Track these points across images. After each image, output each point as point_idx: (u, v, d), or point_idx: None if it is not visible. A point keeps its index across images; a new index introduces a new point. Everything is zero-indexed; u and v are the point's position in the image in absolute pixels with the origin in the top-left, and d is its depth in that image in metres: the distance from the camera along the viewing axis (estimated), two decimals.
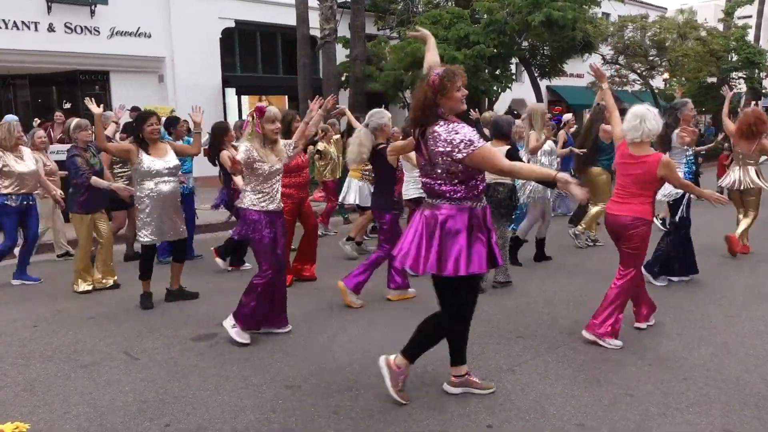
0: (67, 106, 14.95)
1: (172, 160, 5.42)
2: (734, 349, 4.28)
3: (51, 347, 4.55)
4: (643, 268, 4.99)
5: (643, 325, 4.70)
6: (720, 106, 8.95)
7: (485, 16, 16.39)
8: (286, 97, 18.18)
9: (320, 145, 8.70)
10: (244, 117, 10.43)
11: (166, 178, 5.36)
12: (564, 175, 3.20)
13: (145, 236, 5.35)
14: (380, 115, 5.39)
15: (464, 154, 3.12)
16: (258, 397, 3.65)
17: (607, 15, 24.90)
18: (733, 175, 7.11)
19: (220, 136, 6.48)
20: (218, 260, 6.78)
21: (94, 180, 5.88)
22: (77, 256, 6.11)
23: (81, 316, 5.27)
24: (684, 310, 5.15)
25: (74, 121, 6.11)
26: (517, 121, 7.99)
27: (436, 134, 3.19)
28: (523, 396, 3.60)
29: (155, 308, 5.44)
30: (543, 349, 4.32)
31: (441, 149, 3.17)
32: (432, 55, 3.93)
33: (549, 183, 5.02)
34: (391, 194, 5.53)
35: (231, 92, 17.22)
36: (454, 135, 3.14)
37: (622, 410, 3.42)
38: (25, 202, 6.33)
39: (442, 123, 3.21)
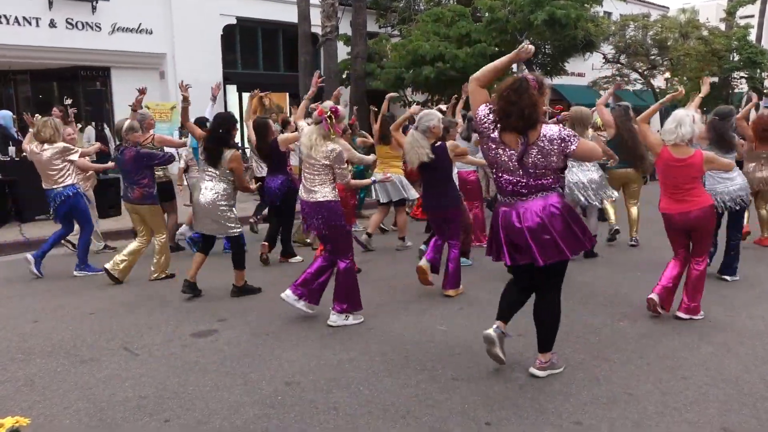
0: (69, 101, 14.95)
1: None
2: (734, 349, 4.29)
3: (51, 342, 4.56)
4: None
5: (685, 316, 4.90)
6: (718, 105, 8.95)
7: (487, 14, 16.37)
8: (287, 94, 18.18)
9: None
10: (244, 115, 10.43)
11: None
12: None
13: (238, 228, 5.68)
14: (429, 117, 5.56)
15: (574, 147, 3.46)
16: (257, 393, 3.65)
17: (608, 14, 24.86)
18: (759, 174, 7.21)
19: (265, 131, 6.93)
20: (292, 260, 6.99)
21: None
22: (161, 247, 6.29)
23: (81, 312, 5.28)
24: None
25: (127, 122, 6.28)
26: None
27: (548, 135, 3.45)
28: (522, 394, 3.61)
29: (155, 304, 5.46)
30: None
31: (556, 147, 3.45)
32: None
33: None
34: (455, 189, 5.86)
35: (232, 89, 17.22)
36: (560, 133, 3.47)
37: (620, 409, 3.42)
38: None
39: (543, 125, 3.49)
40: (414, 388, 3.68)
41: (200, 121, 7.33)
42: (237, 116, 7.81)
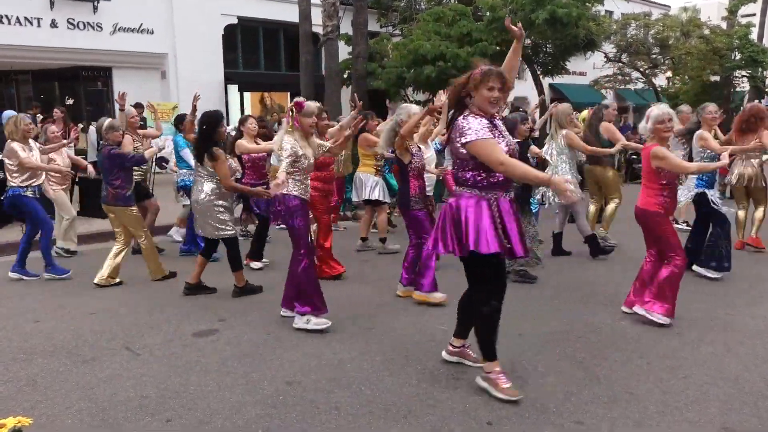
0: (70, 101, 14.98)
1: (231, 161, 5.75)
2: (734, 348, 4.29)
3: (53, 342, 4.57)
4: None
5: (640, 310, 4.83)
6: (722, 104, 8.95)
7: (488, 13, 16.36)
8: (288, 94, 18.19)
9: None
10: (246, 113, 10.41)
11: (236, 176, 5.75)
12: (558, 179, 3.29)
13: (230, 230, 5.58)
14: (404, 110, 5.38)
15: (463, 141, 3.35)
16: (259, 392, 3.66)
17: (610, 13, 24.85)
18: (737, 170, 7.18)
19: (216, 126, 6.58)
20: (254, 264, 6.75)
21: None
22: (146, 249, 6.25)
23: (82, 312, 5.29)
24: (684, 309, 5.14)
25: (107, 122, 6.22)
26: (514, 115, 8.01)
27: (456, 123, 3.45)
28: (523, 393, 3.61)
29: (156, 304, 5.46)
30: (543, 347, 4.33)
31: (453, 135, 3.45)
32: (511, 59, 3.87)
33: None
34: (407, 190, 5.54)
35: (233, 89, 17.24)
36: (464, 123, 3.38)
37: (621, 408, 3.42)
38: (40, 194, 6.44)
39: (466, 113, 3.44)
40: (415, 388, 3.68)
41: (179, 119, 7.37)
42: (239, 114, 7.77)
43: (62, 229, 7.49)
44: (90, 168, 7.57)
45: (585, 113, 9.48)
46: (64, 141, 7.35)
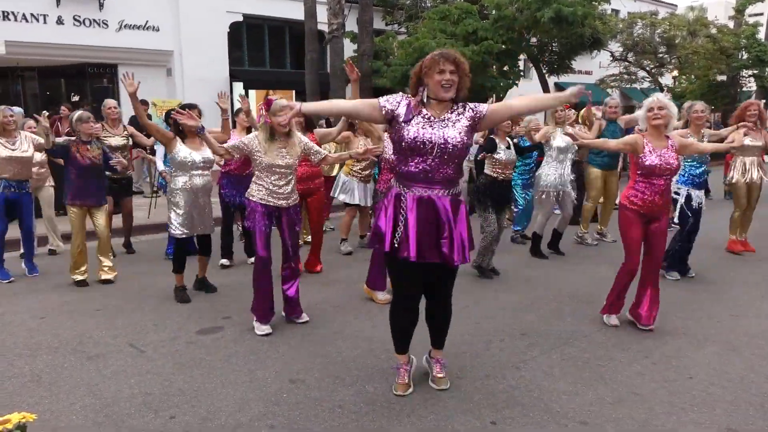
0: (76, 98, 15.01)
1: (206, 153, 5.39)
2: (740, 348, 4.27)
3: (58, 338, 4.58)
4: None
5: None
6: (729, 104, 8.90)
7: (494, 11, 16.33)
8: (294, 91, 18.20)
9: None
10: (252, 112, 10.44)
11: (200, 171, 5.40)
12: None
13: (177, 229, 5.39)
14: None
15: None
16: (262, 390, 3.66)
17: (616, 11, 24.77)
18: (736, 169, 7.16)
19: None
20: (223, 260, 6.80)
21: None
22: (71, 246, 6.09)
23: (88, 308, 5.30)
24: (689, 309, 5.14)
25: (76, 114, 6.08)
26: (529, 118, 7.97)
27: None
28: (527, 393, 3.60)
29: (161, 301, 5.47)
30: (548, 347, 4.32)
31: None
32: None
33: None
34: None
35: (239, 86, 17.24)
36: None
37: (626, 408, 3.41)
38: (12, 189, 6.19)
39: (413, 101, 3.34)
40: (419, 387, 3.68)
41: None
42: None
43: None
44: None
45: (583, 111, 9.44)
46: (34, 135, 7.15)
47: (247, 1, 16.77)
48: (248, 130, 6.54)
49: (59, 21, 13.96)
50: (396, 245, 3.32)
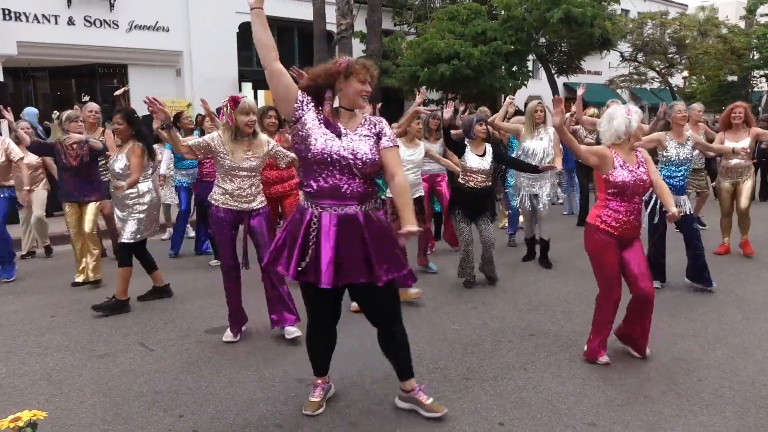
0: (86, 98, 15.12)
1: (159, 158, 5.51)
2: (750, 351, 4.24)
3: (68, 337, 4.61)
4: None
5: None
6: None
7: (503, 12, 16.31)
8: None
9: None
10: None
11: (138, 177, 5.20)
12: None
13: (123, 234, 5.29)
14: None
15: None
16: (270, 390, 3.67)
17: (626, 12, 24.66)
18: (728, 162, 7.12)
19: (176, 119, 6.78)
20: (213, 262, 6.80)
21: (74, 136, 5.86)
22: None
23: None
24: (700, 312, 5.10)
25: (66, 113, 6.03)
26: (517, 118, 7.95)
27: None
28: (535, 394, 3.59)
29: (170, 300, 5.50)
30: (556, 348, 4.31)
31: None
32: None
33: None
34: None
35: (248, 86, 17.31)
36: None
37: (635, 410, 3.40)
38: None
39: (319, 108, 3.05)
40: (429, 387, 3.67)
41: (177, 118, 7.52)
42: None
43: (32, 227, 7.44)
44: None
45: (593, 111, 9.42)
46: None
47: None
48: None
49: (70, 21, 14.06)
50: (301, 270, 3.01)
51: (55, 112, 6.92)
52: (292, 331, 4.47)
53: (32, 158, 6.93)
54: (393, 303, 3.24)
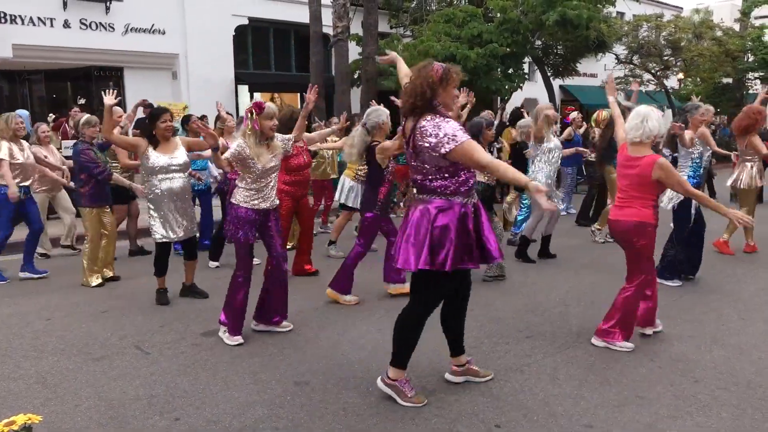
0: (82, 101, 15.08)
1: (180, 156, 5.30)
2: (747, 352, 4.24)
3: (63, 340, 4.59)
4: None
5: (648, 331, 4.56)
6: (735, 107, 8.90)
7: (499, 14, 16.33)
8: (299, 94, 18.23)
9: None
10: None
11: (172, 175, 5.25)
12: (535, 185, 3.07)
13: (155, 233, 5.33)
14: (378, 113, 5.28)
15: (447, 149, 3.14)
16: (267, 392, 3.66)
17: (621, 14, 24.72)
18: (736, 173, 7.17)
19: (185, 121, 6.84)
20: (212, 263, 6.83)
21: (116, 177, 6.08)
22: (87, 250, 6.09)
23: (94, 310, 5.32)
24: (697, 312, 5.11)
25: (84, 117, 6.16)
26: (525, 120, 7.98)
27: (423, 129, 3.21)
28: (532, 396, 3.59)
29: (167, 303, 5.48)
30: (552, 349, 4.31)
31: (427, 144, 3.19)
32: (405, 68, 4.02)
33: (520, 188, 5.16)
34: (375, 194, 5.36)
35: (244, 89, 17.28)
36: (438, 130, 3.16)
37: (631, 412, 3.40)
38: (24, 194, 6.32)
39: (429, 117, 3.21)
40: (423, 390, 3.67)
41: (185, 120, 7.50)
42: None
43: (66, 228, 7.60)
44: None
45: (605, 114, 9.44)
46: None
47: (253, 5, 16.81)
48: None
49: (66, 24, 14.02)
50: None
51: (50, 114, 6.92)
52: (287, 324, 4.72)
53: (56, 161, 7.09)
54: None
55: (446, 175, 3.25)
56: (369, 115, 5.28)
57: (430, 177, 3.27)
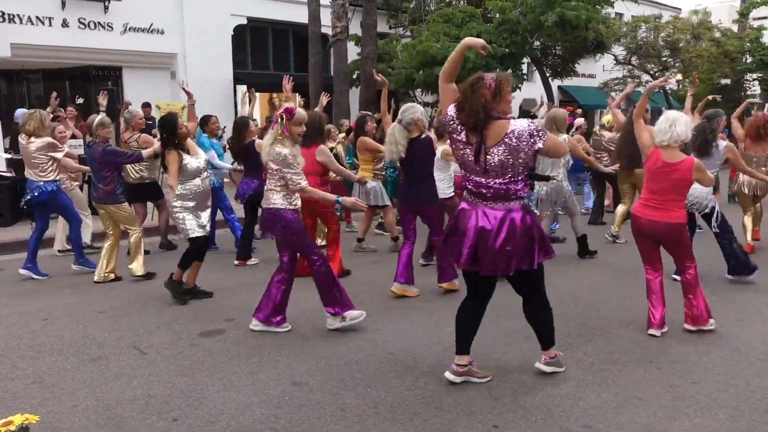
0: (80, 101, 15.05)
1: (202, 156, 5.66)
2: (745, 353, 4.25)
3: (61, 340, 4.59)
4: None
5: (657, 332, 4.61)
6: (733, 108, 8.92)
7: (497, 15, 16.34)
8: (297, 94, 18.17)
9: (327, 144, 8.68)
10: (255, 114, 10.47)
11: (204, 174, 5.60)
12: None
13: (194, 230, 5.46)
14: (413, 110, 5.46)
15: (541, 144, 3.35)
16: (265, 393, 3.66)
17: (620, 15, 24.75)
18: (744, 177, 7.15)
19: (242, 130, 6.78)
20: (249, 262, 6.93)
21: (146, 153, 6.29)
22: (133, 240, 6.30)
23: (91, 310, 5.31)
24: None
25: (98, 118, 6.25)
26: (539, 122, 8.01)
27: (516, 131, 3.35)
28: (530, 397, 3.59)
29: (164, 303, 5.47)
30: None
31: (524, 143, 3.34)
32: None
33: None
34: (432, 187, 5.65)
35: (242, 89, 17.25)
36: (528, 127, 3.36)
37: (630, 413, 3.40)
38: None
39: (504, 122, 3.37)
40: (422, 390, 3.67)
41: (204, 120, 7.49)
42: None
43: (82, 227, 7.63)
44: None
45: (607, 118, 9.47)
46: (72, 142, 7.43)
47: (252, 5, 16.79)
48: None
49: (64, 24, 13.99)
50: None
51: (49, 114, 6.91)
52: (287, 325, 4.78)
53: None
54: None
55: (520, 177, 3.45)
56: (404, 112, 5.45)
57: (515, 180, 3.42)
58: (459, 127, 3.46)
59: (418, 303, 5.41)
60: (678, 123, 4.36)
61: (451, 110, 3.50)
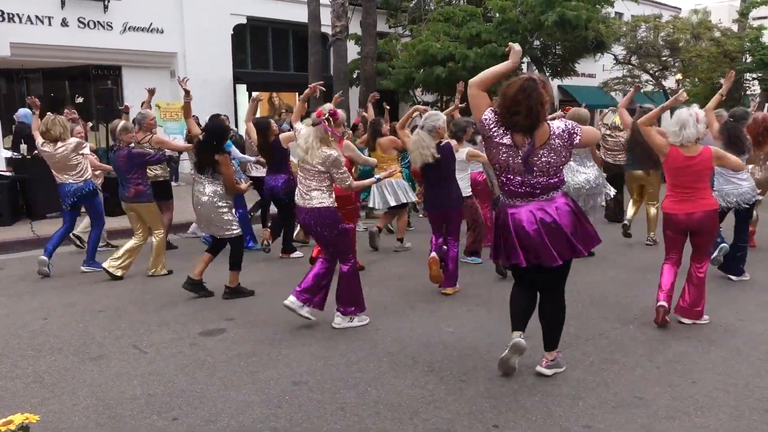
0: (80, 100, 15.06)
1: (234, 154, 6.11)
2: (745, 353, 4.25)
3: (61, 339, 4.59)
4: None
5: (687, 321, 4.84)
6: (732, 107, 8.89)
7: (497, 14, 16.34)
8: (297, 94, 18.21)
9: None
10: (256, 114, 10.44)
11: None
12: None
13: (237, 229, 5.64)
14: (436, 117, 5.66)
15: (578, 138, 3.48)
16: (265, 392, 3.66)
17: (620, 15, 24.74)
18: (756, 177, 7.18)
19: (266, 130, 6.95)
20: (293, 255, 7.20)
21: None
22: (157, 241, 6.43)
23: (91, 309, 5.31)
24: None
25: (121, 123, 6.48)
26: None
27: (556, 131, 3.45)
28: (530, 397, 3.59)
29: (164, 302, 5.48)
30: None
31: (566, 141, 3.46)
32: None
33: None
34: (458, 189, 5.80)
35: (242, 88, 17.27)
36: (564, 126, 3.49)
37: (629, 413, 3.40)
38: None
39: (548, 123, 3.47)
40: (421, 389, 3.67)
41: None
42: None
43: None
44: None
45: (616, 117, 9.44)
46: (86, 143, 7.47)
47: (252, 4, 16.80)
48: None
49: (64, 23, 13.99)
50: None
51: (48, 114, 6.92)
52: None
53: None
54: None
55: (561, 169, 3.58)
56: (427, 119, 5.65)
57: (556, 174, 3.55)
58: (502, 131, 3.49)
59: (418, 303, 5.41)
60: (687, 126, 4.54)
61: (489, 114, 3.55)
